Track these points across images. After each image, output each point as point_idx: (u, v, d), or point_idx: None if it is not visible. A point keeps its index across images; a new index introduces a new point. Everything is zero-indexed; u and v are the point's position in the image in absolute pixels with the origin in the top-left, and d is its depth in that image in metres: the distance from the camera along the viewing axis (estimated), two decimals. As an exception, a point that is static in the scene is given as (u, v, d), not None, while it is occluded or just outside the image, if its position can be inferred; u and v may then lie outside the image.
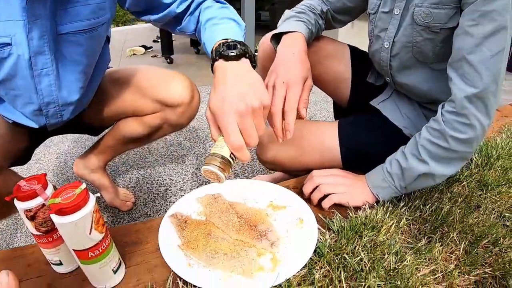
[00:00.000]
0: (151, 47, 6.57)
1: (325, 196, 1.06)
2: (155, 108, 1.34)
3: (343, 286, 0.77)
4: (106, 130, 1.54)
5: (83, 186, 0.67)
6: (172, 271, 0.77)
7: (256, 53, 1.23)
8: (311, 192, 1.08)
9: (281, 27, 1.22)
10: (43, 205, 0.72)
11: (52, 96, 1.08)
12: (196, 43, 5.96)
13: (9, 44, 0.94)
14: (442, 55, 1.04)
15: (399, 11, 1.12)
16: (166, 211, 0.98)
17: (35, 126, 1.12)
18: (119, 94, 1.38)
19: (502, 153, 1.56)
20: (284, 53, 1.10)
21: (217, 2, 1.15)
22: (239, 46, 0.86)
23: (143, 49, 6.50)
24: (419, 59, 1.13)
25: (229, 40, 0.89)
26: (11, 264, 0.87)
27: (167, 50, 5.21)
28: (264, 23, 11.93)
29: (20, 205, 0.71)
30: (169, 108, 1.33)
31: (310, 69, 1.09)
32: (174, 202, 1.03)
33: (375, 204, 1.07)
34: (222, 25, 1.02)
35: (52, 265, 0.83)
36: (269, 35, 1.27)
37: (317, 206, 1.07)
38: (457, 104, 0.93)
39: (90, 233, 0.68)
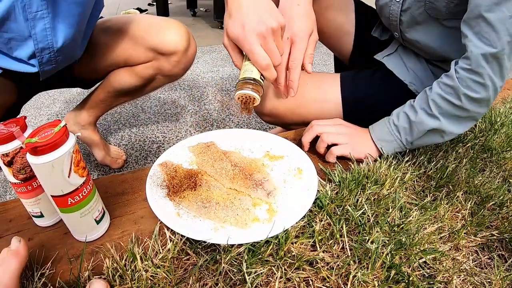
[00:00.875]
0: (146, 10, 6.56)
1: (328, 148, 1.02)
2: (148, 57, 1.28)
3: (344, 240, 0.71)
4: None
5: (63, 123, 0.60)
6: (159, 220, 0.71)
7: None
8: (311, 143, 1.03)
9: None
10: (21, 148, 0.65)
11: (47, 41, 1.03)
12: (192, 5, 5.93)
13: None
14: (456, 12, 0.98)
15: None
16: (140, 169, 0.93)
17: (31, 70, 1.07)
18: (110, 43, 1.31)
19: (506, 121, 1.53)
20: (286, 4, 1.01)
21: None
22: None
23: (138, 12, 6.48)
24: (432, 15, 1.07)
25: None
26: None
27: (163, 13, 5.21)
28: None
29: None
30: (163, 56, 1.27)
31: (316, 22, 1.02)
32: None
33: (378, 158, 1.02)
34: None
35: (33, 218, 0.77)
36: None
37: (321, 158, 1.03)
38: (473, 61, 0.88)
39: (69, 176, 0.61)
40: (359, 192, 0.85)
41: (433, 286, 0.67)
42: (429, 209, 0.85)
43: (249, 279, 0.61)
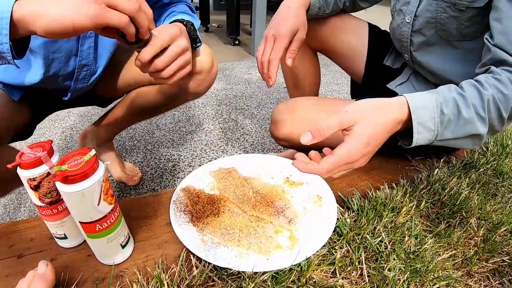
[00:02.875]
0: None
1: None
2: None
3: (363, 267, 0.74)
4: (115, 102, 1.50)
5: (93, 152, 0.63)
6: (185, 247, 0.74)
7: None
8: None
9: None
10: (48, 173, 0.68)
11: (89, 58, 1.10)
12: (205, 21, 5.98)
13: None
14: (466, 34, 0.99)
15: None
16: (174, 187, 0.95)
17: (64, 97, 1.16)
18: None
19: None
20: (281, 7, 1.17)
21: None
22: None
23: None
24: (442, 37, 1.09)
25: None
26: (13, 237, 0.84)
27: None
28: (274, 2, 11.87)
29: (24, 173, 0.67)
30: (188, 75, 1.30)
31: (305, 23, 1.15)
32: (182, 178, 0.99)
33: (394, 186, 1.03)
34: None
35: (56, 239, 0.80)
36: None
37: (339, 184, 1.04)
38: None
39: (98, 204, 0.64)
40: (376, 220, 0.87)
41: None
42: (443, 236, 0.87)
43: (273, 305, 0.64)
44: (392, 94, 1.27)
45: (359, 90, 1.52)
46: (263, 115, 2.45)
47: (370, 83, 1.42)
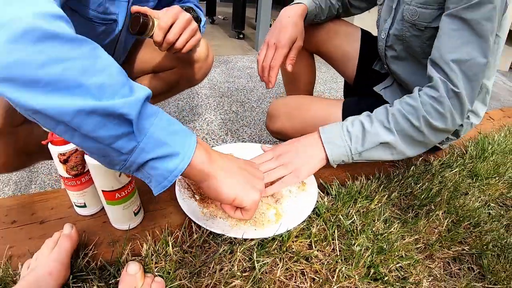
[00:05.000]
0: None
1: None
2: (173, 65, 1.44)
3: (335, 243, 0.87)
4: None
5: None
6: (187, 217, 0.87)
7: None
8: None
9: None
10: (76, 150, 0.81)
11: (120, 56, 1.30)
12: (211, 13, 6.00)
13: (116, 21, 1.14)
14: (428, 52, 1.08)
15: (394, 6, 1.21)
16: None
17: None
18: (141, 53, 1.48)
19: (498, 149, 1.65)
20: (281, 17, 1.28)
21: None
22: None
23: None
24: (409, 53, 1.22)
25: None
26: (35, 207, 0.95)
27: None
28: None
29: (55, 149, 0.79)
30: (186, 63, 1.43)
31: (303, 32, 1.27)
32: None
33: (371, 177, 1.16)
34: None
35: (75, 207, 0.92)
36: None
37: (322, 174, 1.16)
38: (438, 93, 0.99)
39: (119, 176, 0.77)
40: (351, 205, 1.00)
41: (405, 286, 0.82)
42: (409, 223, 1.00)
43: (257, 266, 0.77)
44: (379, 95, 1.40)
45: (351, 91, 1.64)
46: (262, 109, 2.58)
47: (361, 85, 1.54)
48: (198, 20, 1.28)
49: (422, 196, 1.13)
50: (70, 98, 0.50)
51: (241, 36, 5.00)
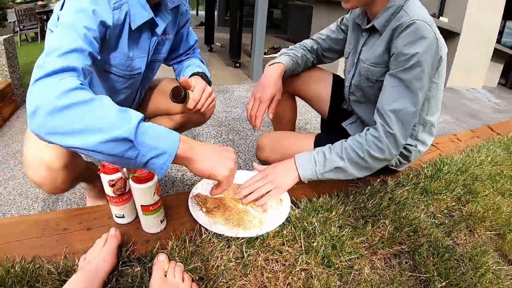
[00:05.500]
0: None
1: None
2: (183, 110, 1.75)
3: (301, 241, 1.24)
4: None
5: (151, 167, 1.14)
6: (198, 223, 1.24)
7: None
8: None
9: (274, 60, 1.72)
10: (121, 177, 1.17)
11: (139, 96, 1.67)
12: (209, 41, 6.34)
13: (140, 73, 1.50)
14: None
15: (355, 61, 1.59)
16: (183, 191, 1.44)
17: None
18: (156, 99, 1.83)
19: (453, 168, 2.00)
20: (263, 76, 1.67)
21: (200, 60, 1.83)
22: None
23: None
24: (366, 98, 1.59)
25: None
26: (83, 218, 1.31)
27: None
28: (276, 22, 12.20)
29: (106, 177, 1.15)
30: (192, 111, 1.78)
31: (281, 88, 1.66)
32: (189, 185, 1.51)
33: (332, 194, 1.53)
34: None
35: (115, 218, 1.28)
36: (268, 63, 1.74)
37: (293, 193, 1.52)
38: (379, 133, 1.36)
39: (153, 195, 1.14)
40: (314, 215, 1.37)
41: (351, 271, 1.18)
42: (359, 229, 1.36)
43: (245, 256, 1.15)
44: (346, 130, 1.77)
45: (325, 124, 2.01)
46: (255, 137, 2.91)
47: (332, 121, 1.90)
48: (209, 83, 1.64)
49: (373, 209, 1.47)
50: (91, 137, 0.87)
51: (238, 65, 5.32)
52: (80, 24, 1.05)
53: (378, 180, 1.73)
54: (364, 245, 1.31)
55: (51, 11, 12.26)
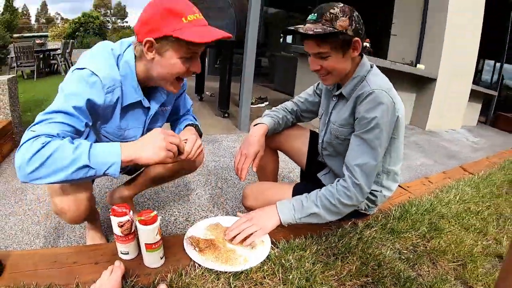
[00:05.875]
0: None
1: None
2: (176, 159, 1.95)
3: (279, 275, 1.46)
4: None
5: (155, 213, 1.37)
6: (192, 259, 1.47)
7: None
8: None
9: (258, 120, 2.00)
10: (128, 219, 1.40)
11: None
12: (200, 91, 6.61)
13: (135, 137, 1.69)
14: None
15: (326, 121, 1.86)
16: (177, 234, 1.70)
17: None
18: None
19: (421, 209, 2.23)
20: (249, 135, 1.94)
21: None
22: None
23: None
24: (337, 153, 1.85)
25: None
26: (90, 253, 1.52)
27: None
28: (264, 70, 12.52)
29: (116, 219, 1.38)
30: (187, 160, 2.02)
31: (263, 145, 1.92)
32: (181, 229, 1.84)
33: (307, 236, 1.75)
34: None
35: (120, 254, 1.48)
36: (253, 122, 2.02)
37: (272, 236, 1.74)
38: (348, 184, 1.61)
39: (156, 235, 1.37)
40: (290, 253, 1.59)
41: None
42: (330, 264, 1.58)
43: (232, 287, 1.37)
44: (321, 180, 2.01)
45: (304, 175, 2.26)
46: (241, 185, 3.10)
47: (310, 172, 2.15)
48: (200, 133, 1.87)
49: (343, 248, 1.69)
50: (61, 174, 1.20)
51: (226, 115, 5.56)
52: (70, 104, 1.31)
53: (350, 223, 1.95)
54: (334, 278, 1.52)
55: (48, 50, 12.88)
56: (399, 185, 2.73)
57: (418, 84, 7.32)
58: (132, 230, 1.44)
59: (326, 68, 1.64)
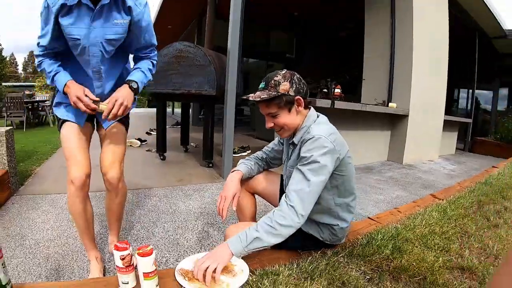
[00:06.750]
0: (145, 140, 7.88)
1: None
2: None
3: (256, 298, 1.74)
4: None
5: (151, 247, 1.66)
6: (182, 287, 1.74)
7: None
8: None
9: (234, 168, 2.34)
10: (129, 253, 1.67)
11: (99, 67, 2.23)
12: (185, 142, 6.99)
13: (79, 39, 2.08)
14: None
15: (286, 167, 2.22)
16: (168, 269, 1.99)
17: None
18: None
19: (387, 235, 2.48)
20: (227, 181, 2.25)
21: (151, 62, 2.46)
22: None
23: (139, 142, 7.65)
24: None
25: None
26: (95, 285, 1.78)
27: (161, 148, 6.28)
28: (246, 119, 12.85)
29: (118, 253, 1.64)
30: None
31: (240, 188, 2.24)
32: (170, 263, 2.19)
33: (280, 263, 2.02)
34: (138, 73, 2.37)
35: (122, 284, 1.71)
36: (232, 169, 2.36)
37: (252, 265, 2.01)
38: (283, 207, 1.85)
39: (152, 265, 1.65)
40: (266, 278, 1.85)
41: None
42: (299, 285, 1.84)
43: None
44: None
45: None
46: (226, 228, 3.31)
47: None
48: (137, 88, 2.29)
49: (312, 272, 1.95)
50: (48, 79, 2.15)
51: (211, 165, 5.84)
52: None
53: (319, 252, 2.22)
54: (306, 296, 1.79)
55: (37, 101, 13.33)
56: (368, 217, 3.08)
57: (393, 121, 7.73)
58: (132, 263, 1.70)
59: (277, 124, 2.03)
